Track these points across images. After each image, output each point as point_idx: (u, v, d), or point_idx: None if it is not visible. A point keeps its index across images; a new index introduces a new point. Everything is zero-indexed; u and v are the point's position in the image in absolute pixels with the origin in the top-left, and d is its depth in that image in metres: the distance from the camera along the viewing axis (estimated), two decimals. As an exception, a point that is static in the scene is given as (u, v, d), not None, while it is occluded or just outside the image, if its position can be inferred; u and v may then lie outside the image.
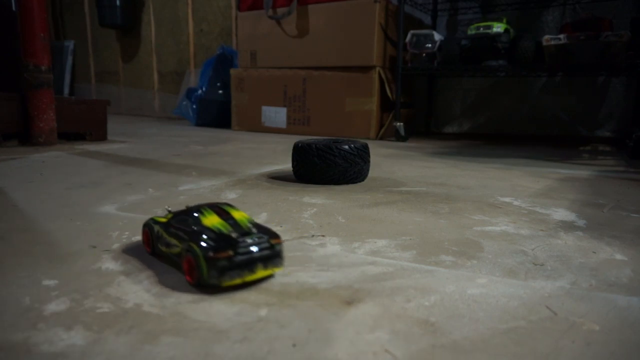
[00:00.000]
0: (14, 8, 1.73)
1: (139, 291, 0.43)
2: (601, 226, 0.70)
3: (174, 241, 0.48)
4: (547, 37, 1.83)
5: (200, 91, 2.80)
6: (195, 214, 0.49)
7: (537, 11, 2.30)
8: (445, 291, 0.45)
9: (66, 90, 4.34)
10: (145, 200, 0.81)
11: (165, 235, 0.50)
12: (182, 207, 0.60)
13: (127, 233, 0.61)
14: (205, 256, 0.42)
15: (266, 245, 0.45)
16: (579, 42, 1.75)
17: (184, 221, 0.49)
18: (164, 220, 0.52)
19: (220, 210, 0.50)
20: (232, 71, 2.57)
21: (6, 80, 1.66)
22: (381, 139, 2.19)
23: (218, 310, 0.40)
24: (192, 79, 3.54)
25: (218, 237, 0.45)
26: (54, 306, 0.40)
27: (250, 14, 2.44)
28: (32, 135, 1.53)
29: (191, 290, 0.44)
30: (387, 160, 1.42)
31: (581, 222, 0.72)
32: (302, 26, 2.27)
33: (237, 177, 1.06)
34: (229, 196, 0.85)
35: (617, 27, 1.94)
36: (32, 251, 0.54)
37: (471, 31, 1.97)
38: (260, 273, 0.44)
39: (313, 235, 0.62)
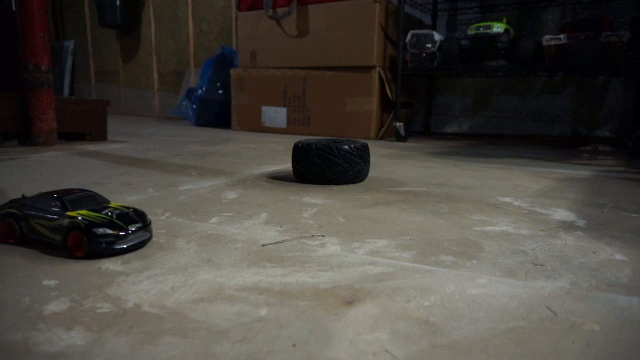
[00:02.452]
0: (14, 8, 1.74)
1: (139, 291, 0.43)
2: (601, 226, 0.70)
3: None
4: (547, 37, 1.83)
5: (200, 91, 2.80)
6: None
7: (537, 11, 2.30)
8: (445, 291, 0.45)
9: (66, 90, 4.34)
10: (145, 200, 0.81)
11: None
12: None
13: (127, 233, 0.61)
14: None
15: None
16: (579, 42, 1.75)
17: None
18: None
19: None
20: (232, 71, 2.57)
21: (6, 80, 1.66)
22: (381, 139, 2.19)
23: (218, 310, 0.40)
24: (192, 79, 3.54)
25: None
26: (54, 306, 0.40)
27: (250, 14, 2.44)
28: (32, 135, 1.53)
29: (191, 290, 0.44)
30: (387, 160, 1.42)
31: (581, 222, 0.72)
32: (302, 26, 2.27)
33: (237, 177, 1.06)
34: (229, 196, 0.85)
35: (617, 27, 1.94)
36: (32, 251, 0.54)
37: (471, 31, 1.97)
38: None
39: (313, 235, 0.62)
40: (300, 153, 0.99)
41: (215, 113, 2.81)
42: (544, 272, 0.50)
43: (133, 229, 0.54)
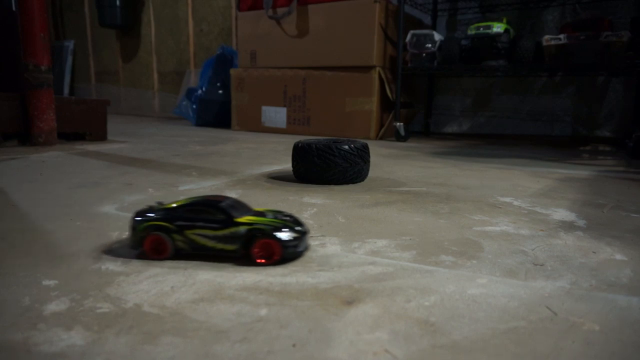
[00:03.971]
0: (14, 8, 1.74)
1: (139, 291, 0.43)
2: (601, 226, 0.70)
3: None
4: (547, 37, 1.83)
5: (200, 91, 2.80)
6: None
7: (537, 11, 2.30)
8: (445, 291, 0.45)
9: (66, 90, 4.34)
10: (145, 200, 0.81)
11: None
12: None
13: (127, 233, 0.61)
14: None
15: None
16: (579, 42, 1.75)
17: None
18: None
19: None
20: (232, 71, 2.57)
21: (6, 80, 1.66)
22: (381, 139, 2.19)
23: (218, 310, 0.40)
24: (192, 79, 3.54)
25: None
26: (54, 306, 0.40)
27: (250, 14, 2.44)
28: (32, 135, 1.53)
29: (191, 290, 0.44)
30: (387, 160, 1.42)
31: (581, 222, 0.72)
32: (302, 26, 2.27)
33: (237, 177, 1.06)
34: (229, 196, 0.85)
35: (617, 27, 1.94)
36: (32, 251, 0.54)
37: (471, 31, 1.97)
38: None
39: (312, 236, 0.62)
40: (300, 153, 0.99)
41: (215, 113, 2.81)
42: (544, 272, 0.50)
43: (303, 231, 0.53)
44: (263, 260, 0.50)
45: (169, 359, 0.32)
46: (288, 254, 0.50)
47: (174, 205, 0.52)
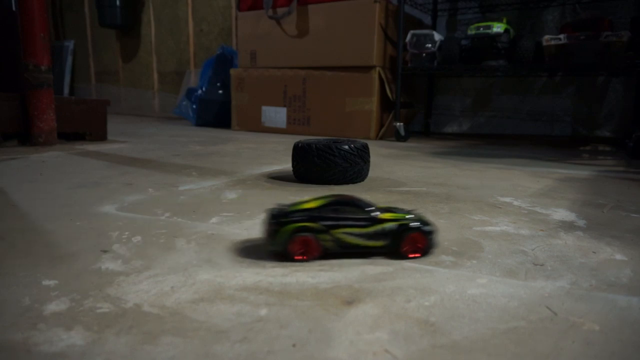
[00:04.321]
0: (14, 8, 1.74)
1: (139, 291, 0.43)
2: (601, 226, 0.70)
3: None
4: (547, 37, 1.83)
5: (200, 91, 2.80)
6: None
7: (537, 11, 2.30)
8: (445, 291, 0.45)
9: (66, 90, 4.34)
10: (145, 201, 0.81)
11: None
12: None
13: (127, 233, 0.61)
14: None
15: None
16: (579, 42, 1.75)
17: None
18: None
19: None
20: (232, 71, 2.57)
21: (6, 80, 1.66)
22: (381, 139, 2.19)
23: (218, 310, 0.40)
24: (192, 79, 3.54)
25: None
26: (54, 306, 0.40)
27: (250, 14, 2.44)
28: (32, 135, 1.53)
29: (191, 290, 0.44)
30: (387, 160, 1.42)
31: (581, 222, 0.72)
32: (302, 26, 2.27)
33: (237, 177, 1.06)
34: (229, 196, 0.85)
35: (617, 27, 1.94)
36: (32, 251, 0.54)
37: (471, 31, 1.97)
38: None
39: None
40: (300, 153, 0.99)
41: (215, 113, 2.81)
42: (544, 272, 0.50)
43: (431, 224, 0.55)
44: (416, 255, 0.53)
45: (169, 359, 0.32)
46: (431, 246, 0.53)
47: (310, 205, 0.52)
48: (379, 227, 0.51)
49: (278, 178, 1.05)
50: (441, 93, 2.62)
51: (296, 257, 0.51)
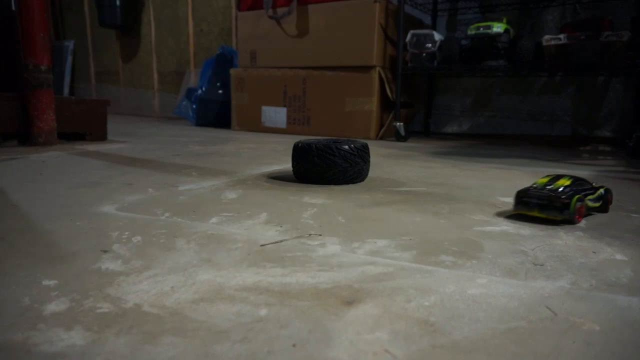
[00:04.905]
0: (14, 8, 1.74)
1: (139, 291, 0.43)
2: (601, 226, 0.70)
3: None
4: (547, 37, 1.83)
5: (200, 91, 2.80)
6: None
7: (537, 11, 2.30)
8: (445, 291, 0.45)
9: (66, 90, 4.35)
10: (145, 200, 0.81)
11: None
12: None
13: (127, 233, 0.61)
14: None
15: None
16: (579, 42, 1.75)
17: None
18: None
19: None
20: (232, 71, 2.57)
21: (6, 80, 1.66)
22: (381, 139, 2.19)
23: (218, 310, 0.40)
24: (192, 79, 3.54)
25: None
26: (54, 306, 0.40)
27: (250, 14, 2.44)
28: (32, 135, 1.53)
29: (191, 290, 0.44)
30: (387, 160, 1.42)
31: (581, 222, 0.72)
32: (302, 26, 2.27)
33: (237, 177, 1.06)
34: (229, 196, 0.85)
35: (617, 27, 1.94)
36: (32, 251, 0.54)
37: (471, 31, 1.97)
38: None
39: (311, 235, 0.62)
40: (300, 153, 0.99)
41: (215, 113, 2.81)
42: (544, 272, 0.50)
43: None
44: (609, 205, 0.78)
45: (169, 359, 0.32)
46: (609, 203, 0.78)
47: (564, 182, 0.73)
48: (597, 193, 0.74)
49: (278, 178, 1.05)
50: (441, 93, 2.62)
51: (578, 218, 0.70)
